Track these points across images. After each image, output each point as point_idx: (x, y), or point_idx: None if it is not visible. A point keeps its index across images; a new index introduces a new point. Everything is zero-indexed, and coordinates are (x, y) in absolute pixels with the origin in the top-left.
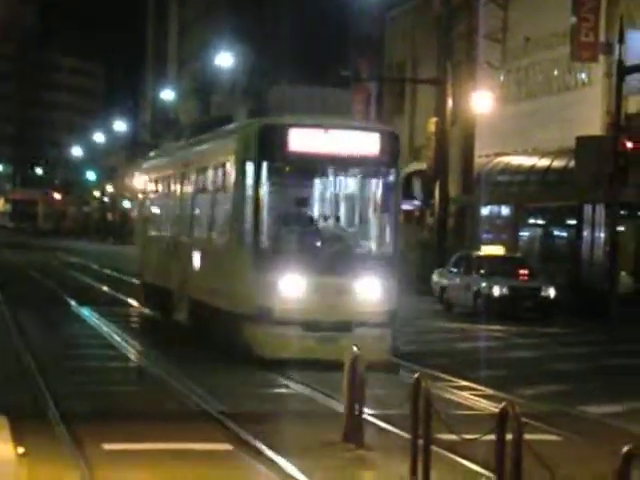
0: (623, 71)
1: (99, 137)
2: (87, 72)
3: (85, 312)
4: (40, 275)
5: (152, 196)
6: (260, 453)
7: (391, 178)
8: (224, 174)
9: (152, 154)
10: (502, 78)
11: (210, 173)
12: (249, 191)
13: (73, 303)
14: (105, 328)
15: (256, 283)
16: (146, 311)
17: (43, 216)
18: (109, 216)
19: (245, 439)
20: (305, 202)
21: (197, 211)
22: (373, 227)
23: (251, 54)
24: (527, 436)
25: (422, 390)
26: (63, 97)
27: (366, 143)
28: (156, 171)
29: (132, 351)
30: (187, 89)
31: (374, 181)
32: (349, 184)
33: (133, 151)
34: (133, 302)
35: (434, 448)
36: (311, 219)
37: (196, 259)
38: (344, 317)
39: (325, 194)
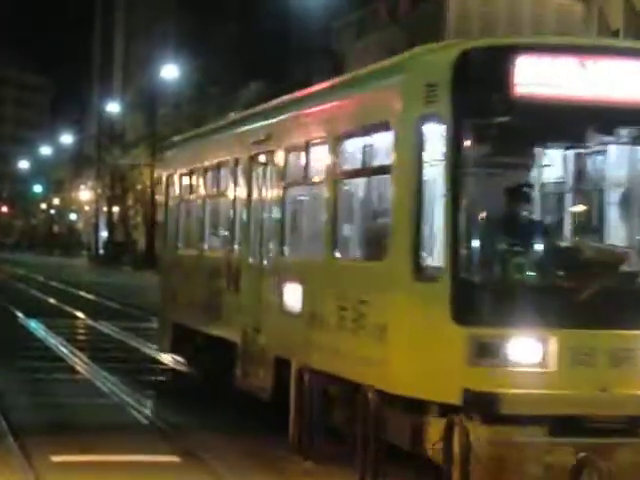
0: None
1: (46, 150)
2: (33, 85)
3: (33, 324)
4: None
5: (186, 197)
6: (206, 465)
7: None
8: (366, 148)
9: (180, 138)
10: None
11: (327, 149)
12: (436, 177)
13: (21, 315)
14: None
15: (458, 346)
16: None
17: None
18: (56, 229)
19: (192, 451)
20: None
21: (293, 215)
22: None
23: (197, 66)
24: None
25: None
26: (9, 110)
27: None
28: (194, 160)
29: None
30: (133, 102)
31: None
32: (627, 162)
33: (79, 164)
34: (80, 314)
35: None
36: (558, 227)
37: (293, 294)
38: (629, 408)
39: (583, 181)
